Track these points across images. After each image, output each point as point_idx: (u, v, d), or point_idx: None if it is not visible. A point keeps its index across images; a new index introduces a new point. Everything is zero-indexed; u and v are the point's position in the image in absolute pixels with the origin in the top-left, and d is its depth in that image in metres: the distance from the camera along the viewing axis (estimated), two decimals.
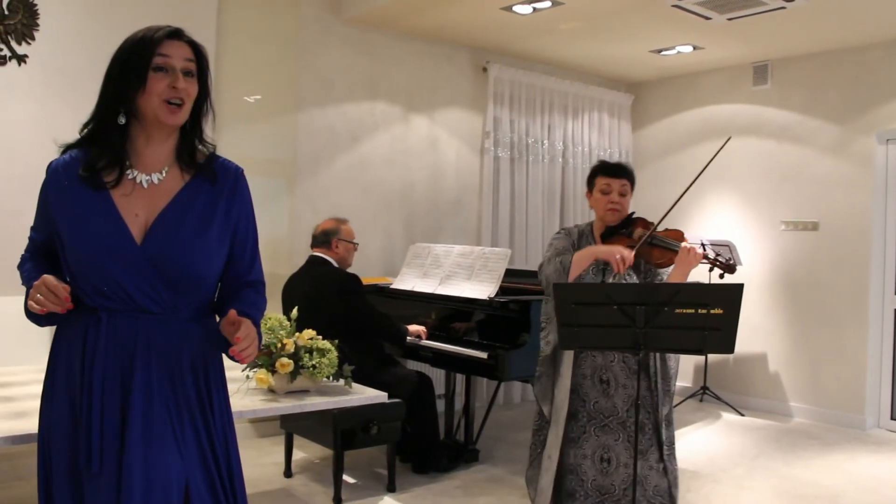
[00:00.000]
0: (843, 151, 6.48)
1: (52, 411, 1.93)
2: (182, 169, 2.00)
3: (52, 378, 1.96)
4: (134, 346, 1.88)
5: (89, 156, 1.93)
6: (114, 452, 1.84)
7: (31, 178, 4.46)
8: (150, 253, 1.88)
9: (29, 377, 3.25)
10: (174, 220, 1.93)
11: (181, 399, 1.93)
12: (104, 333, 1.87)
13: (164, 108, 1.91)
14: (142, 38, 1.94)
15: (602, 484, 3.25)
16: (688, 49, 6.64)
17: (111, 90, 1.94)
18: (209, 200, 1.99)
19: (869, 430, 6.30)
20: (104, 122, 1.95)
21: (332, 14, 5.87)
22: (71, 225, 1.90)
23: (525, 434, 5.75)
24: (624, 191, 3.36)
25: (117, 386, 1.87)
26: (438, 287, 5.08)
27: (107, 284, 1.86)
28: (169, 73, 1.91)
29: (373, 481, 4.70)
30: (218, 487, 1.97)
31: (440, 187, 6.60)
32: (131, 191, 1.93)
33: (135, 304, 1.88)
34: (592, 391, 3.28)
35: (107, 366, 1.87)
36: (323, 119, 5.86)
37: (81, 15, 4.62)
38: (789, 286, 6.78)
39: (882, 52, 6.25)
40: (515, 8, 5.59)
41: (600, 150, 7.65)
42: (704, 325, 2.74)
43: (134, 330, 1.89)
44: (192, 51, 1.98)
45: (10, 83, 4.42)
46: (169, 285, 1.90)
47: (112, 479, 1.83)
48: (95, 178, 1.91)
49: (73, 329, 1.92)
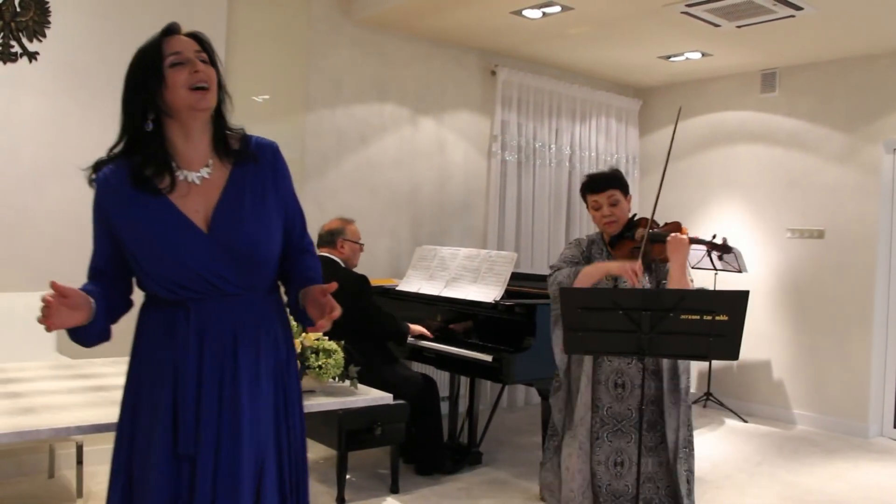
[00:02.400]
0: (851, 160, 6.47)
1: (142, 405, 1.97)
2: (222, 159, 2.05)
3: (139, 377, 2.01)
4: (224, 327, 1.97)
5: (134, 165, 1.96)
6: (213, 435, 1.93)
7: (39, 175, 4.52)
8: (218, 239, 1.96)
9: (35, 373, 3.27)
10: (232, 205, 2.00)
11: (264, 373, 2.02)
12: (194, 321, 1.94)
13: (192, 94, 1.95)
14: (147, 46, 2.00)
15: (616, 488, 3.26)
16: (696, 55, 6.65)
17: (134, 101, 1.98)
18: (258, 179, 2.06)
19: (872, 438, 6.29)
20: (136, 133, 1.99)
21: (342, 15, 5.89)
22: (136, 230, 1.94)
23: (528, 438, 5.77)
24: (614, 201, 3.36)
25: (216, 368, 1.95)
26: (444, 289, 5.09)
27: (186, 277, 1.93)
28: (185, 65, 1.96)
29: (376, 482, 4.71)
30: (285, 465, 2.07)
31: (447, 190, 6.61)
32: (187, 191, 1.98)
33: (217, 290, 1.96)
34: (606, 396, 3.29)
35: (202, 351, 1.94)
36: (331, 120, 5.88)
37: (93, 13, 4.65)
38: (794, 294, 6.78)
39: (890, 60, 6.25)
40: (525, 12, 5.60)
41: (607, 154, 7.65)
42: (709, 332, 2.74)
43: (221, 312, 1.97)
44: (198, 42, 2.03)
45: (20, 80, 4.45)
46: (242, 266, 1.98)
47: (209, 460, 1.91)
48: (150, 185, 1.95)
49: (159, 324, 1.98)
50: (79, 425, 2.47)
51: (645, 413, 3.22)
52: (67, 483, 4.43)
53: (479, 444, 5.19)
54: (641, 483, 3.22)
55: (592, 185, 3.41)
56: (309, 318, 2.05)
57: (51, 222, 4.55)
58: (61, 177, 4.56)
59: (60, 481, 4.48)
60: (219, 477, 1.91)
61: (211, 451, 1.92)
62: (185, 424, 1.91)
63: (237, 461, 1.93)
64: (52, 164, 4.56)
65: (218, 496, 1.91)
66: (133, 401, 2.01)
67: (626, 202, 3.39)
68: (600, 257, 3.40)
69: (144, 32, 2.06)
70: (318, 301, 2.00)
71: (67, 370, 3.36)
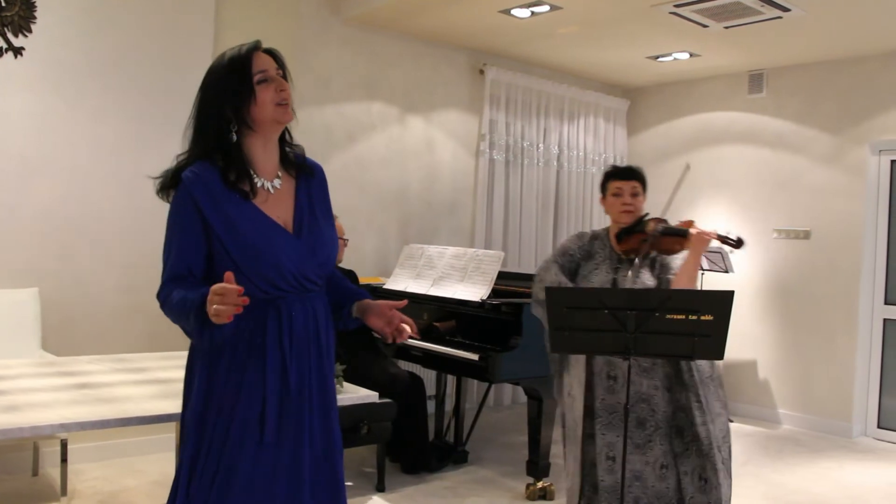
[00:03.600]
0: (837, 161, 6.51)
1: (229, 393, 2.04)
2: (288, 171, 2.21)
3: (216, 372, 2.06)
4: (310, 320, 2.13)
5: (220, 169, 2.06)
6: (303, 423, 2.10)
7: (26, 172, 4.50)
8: (307, 244, 2.12)
9: (20, 371, 3.25)
10: (308, 213, 2.18)
11: (328, 364, 2.21)
12: (285, 317, 2.07)
13: (279, 110, 2.09)
14: (235, 58, 2.09)
15: (609, 483, 3.29)
16: (684, 56, 6.67)
17: (219, 112, 2.06)
18: (318, 194, 2.26)
19: (856, 438, 6.33)
20: (219, 140, 2.07)
21: (331, 14, 5.88)
22: (233, 229, 2.03)
23: (514, 437, 5.78)
24: (636, 192, 3.44)
25: (305, 359, 2.11)
26: (431, 288, 5.09)
27: (280, 277, 2.05)
28: (270, 82, 2.09)
29: (362, 481, 4.70)
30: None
31: (435, 188, 6.61)
32: (266, 198, 2.11)
33: (302, 287, 2.11)
34: (599, 388, 3.33)
35: (293, 346, 2.08)
36: (320, 118, 5.87)
37: (79, 9, 4.62)
38: (780, 294, 6.81)
39: (877, 63, 6.29)
40: (514, 11, 5.61)
41: (595, 154, 7.67)
42: (694, 332, 2.75)
43: (307, 307, 2.13)
44: (275, 60, 2.15)
45: (6, 76, 4.42)
46: (321, 268, 2.16)
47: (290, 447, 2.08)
48: (238, 188, 2.06)
49: (248, 321, 2.02)
50: (63, 423, 2.46)
51: (635, 409, 3.25)
52: (52, 481, 4.41)
53: (466, 442, 5.20)
54: (631, 481, 3.24)
55: (619, 172, 3.51)
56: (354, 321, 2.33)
57: (36, 219, 4.52)
58: (47, 173, 4.54)
59: (45, 479, 4.46)
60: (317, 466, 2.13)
61: (305, 441, 2.09)
62: (270, 415, 2.03)
63: (330, 451, 2.18)
64: (38, 161, 4.53)
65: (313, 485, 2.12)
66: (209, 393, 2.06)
67: (643, 197, 3.48)
68: (601, 251, 3.44)
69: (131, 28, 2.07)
70: (390, 316, 2.28)
71: (52, 368, 3.35)
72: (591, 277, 3.38)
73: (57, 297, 4.55)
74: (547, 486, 4.50)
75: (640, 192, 3.46)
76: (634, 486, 3.24)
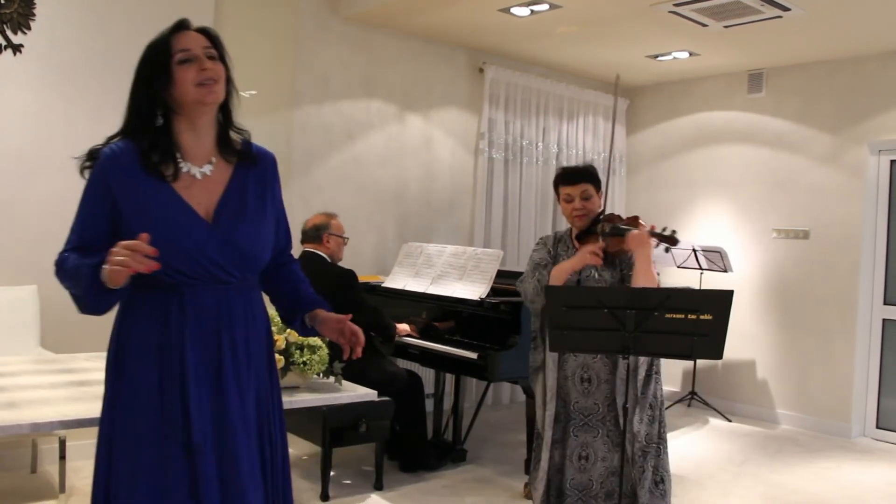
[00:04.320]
0: (836, 161, 6.51)
1: (129, 389, 1.97)
2: (226, 157, 2.10)
3: (123, 360, 2.00)
4: (219, 312, 2.01)
5: (143, 148, 1.98)
6: (210, 422, 1.96)
7: (23, 168, 4.49)
8: (221, 232, 2.01)
9: (18, 367, 3.25)
10: (235, 202, 2.07)
11: (254, 363, 2.08)
12: (189, 306, 1.97)
13: (200, 89, 1.99)
14: (157, 41, 2.03)
15: (581, 481, 3.32)
16: (684, 55, 6.66)
17: (142, 97, 2.01)
18: (259, 182, 2.14)
19: (854, 438, 6.33)
20: (145, 123, 2.01)
21: (331, 11, 5.87)
22: (143, 211, 1.95)
23: (513, 435, 5.77)
24: (586, 195, 3.41)
25: (209, 356, 1.99)
26: (430, 287, 5.09)
27: (185, 262, 1.95)
28: (193, 62, 2.00)
29: (360, 479, 4.70)
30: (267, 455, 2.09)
31: (434, 187, 6.61)
32: (189, 184, 2.02)
33: (214, 277, 2.00)
34: (573, 391, 3.35)
35: (195, 337, 1.97)
36: (319, 116, 5.86)
37: (78, 6, 4.61)
38: (779, 294, 6.81)
39: (876, 63, 6.28)
40: (513, 10, 5.60)
41: (594, 153, 7.66)
42: (693, 331, 2.76)
43: (216, 299, 2.01)
44: (207, 38, 2.07)
45: (4, 73, 4.41)
46: (240, 260, 2.04)
47: (211, 448, 1.95)
48: (157, 170, 1.98)
49: (150, 308, 1.98)
50: (61, 420, 2.47)
51: (612, 409, 3.29)
52: (50, 478, 4.41)
53: (464, 441, 5.20)
54: (605, 476, 3.28)
55: (567, 177, 3.47)
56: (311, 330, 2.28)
57: (35, 216, 4.52)
58: (46, 170, 4.53)
59: (43, 476, 4.45)
60: (223, 467, 1.96)
61: (210, 441, 1.95)
62: (173, 412, 1.93)
63: (234, 449, 1.97)
64: (37, 158, 4.53)
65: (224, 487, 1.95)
66: (116, 387, 2.00)
67: (597, 197, 3.44)
68: (566, 254, 3.44)
69: (130, 26, 2.06)
70: (340, 330, 2.25)
71: (50, 365, 3.35)
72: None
73: (56, 295, 4.48)
74: None
75: (593, 194, 3.42)
76: (609, 482, 3.28)
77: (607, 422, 3.30)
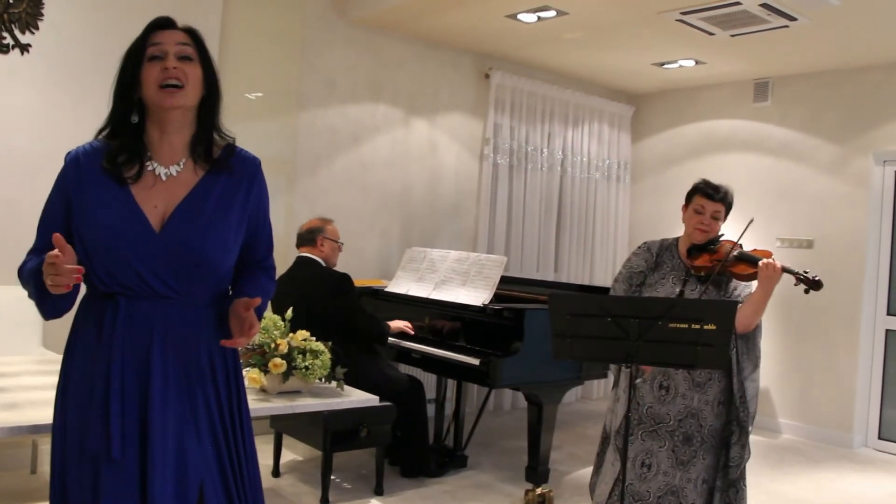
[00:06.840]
0: (841, 171, 6.50)
1: (69, 399, 1.95)
2: (197, 162, 2.01)
3: (68, 367, 1.98)
4: (151, 329, 1.91)
5: (110, 149, 1.95)
6: (134, 438, 1.87)
7: (30, 168, 4.49)
8: (167, 241, 1.91)
9: (21, 368, 3.25)
10: (192, 210, 1.95)
11: (197, 384, 1.96)
12: (122, 317, 1.89)
13: (160, 92, 1.91)
14: (136, 39, 1.98)
15: (637, 490, 3.26)
16: (690, 63, 6.66)
17: (119, 92, 1.97)
18: (226, 191, 2.02)
19: (857, 448, 6.31)
20: (120, 121, 1.97)
21: (338, 14, 5.87)
22: (88, 212, 1.91)
23: (514, 442, 5.76)
24: (717, 215, 3.40)
25: (136, 370, 1.89)
26: (433, 292, 5.08)
27: (123, 271, 1.88)
28: (161, 59, 1.93)
29: (361, 484, 4.69)
30: (231, 484, 1.98)
31: (439, 192, 6.61)
32: (152, 184, 1.95)
33: (151, 290, 1.90)
34: (648, 396, 3.31)
35: (125, 349, 1.89)
36: (324, 119, 5.87)
37: (85, 6, 4.62)
38: (782, 303, 6.78)
39: (883, 73, 6.28)
40: (520, 16, 5.61)
41: (599, 160, 7.66)
42: (697, 341, 2.74)
43: (151, 314, 1.91)
44: (187, 35, 1.99)
45: (12, 72, 4.41)
46: (185, 272, 1.92)
47: (133, 466, 1.86)
48: (117, 172, 1.93)
49: (90, 315, 1.95)
50: None
51: (683, 425, 3.24)
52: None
53: (465, 447, 5.19)
54: (664, 493, 3.23)
55: (708, 191, 3.42)
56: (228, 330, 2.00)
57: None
58: (53, 170, 4.45)
59: (43, 477, 4.45)
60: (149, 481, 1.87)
61: (134, 454, 1.87)
62: (105, 425, 1.86)
63: (153, 464, 1.87)
64: (44, 157, 4.52)
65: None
66: (63, 398, 1.98)
67: (722, 222, 3.44)
68: (670, 262, 3.41)
69: (137, 25, 2.04)
70: (240, 315, 1.96)
71: (52, 365, 3.34)
72: (657, 287, 3.36)
73: None
74: (546, 493, 4.49)
75: (721, 217, 3.41)
76: (667, 500, 3.23)
77: (676, 436, 3.25)
